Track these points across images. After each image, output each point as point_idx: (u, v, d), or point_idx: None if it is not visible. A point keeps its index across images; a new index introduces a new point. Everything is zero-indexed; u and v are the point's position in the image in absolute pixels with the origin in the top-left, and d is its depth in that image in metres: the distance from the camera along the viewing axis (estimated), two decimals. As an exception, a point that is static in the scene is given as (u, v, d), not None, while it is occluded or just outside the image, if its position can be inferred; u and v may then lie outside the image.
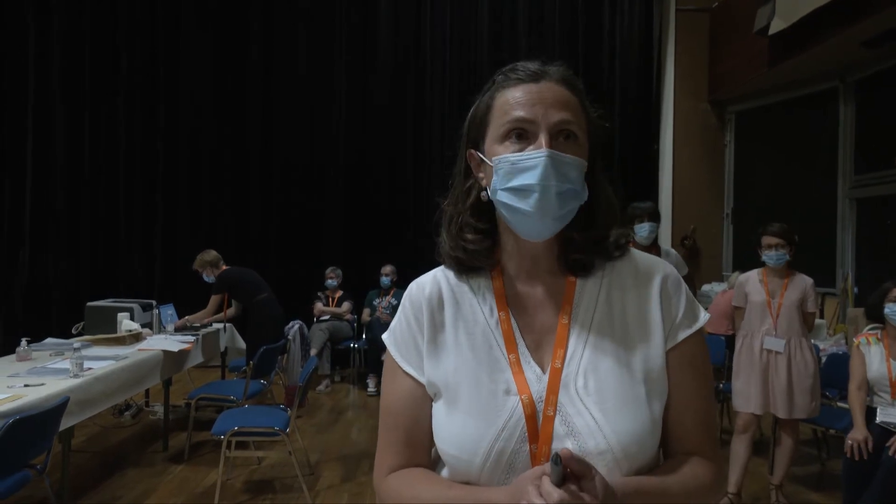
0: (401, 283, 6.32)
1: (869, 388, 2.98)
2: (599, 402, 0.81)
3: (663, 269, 0.91)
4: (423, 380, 0.90)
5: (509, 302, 0.90)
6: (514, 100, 0.85)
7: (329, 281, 6.19)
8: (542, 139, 0.81)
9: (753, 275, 3.39)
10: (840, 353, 4.05)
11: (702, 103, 6.60)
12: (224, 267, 4.84)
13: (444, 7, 6.78)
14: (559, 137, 0.82)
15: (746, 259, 3.56)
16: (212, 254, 4.84)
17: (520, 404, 0.82)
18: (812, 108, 5.79)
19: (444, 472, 0.89)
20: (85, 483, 3.51)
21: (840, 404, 3.82)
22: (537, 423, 0.81)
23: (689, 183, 6.61)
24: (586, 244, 0.88)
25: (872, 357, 2.96)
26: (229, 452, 3.31)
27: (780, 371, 3.16)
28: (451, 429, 0.85)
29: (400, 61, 6.82)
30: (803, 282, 3.27)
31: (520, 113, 0.83)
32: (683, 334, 0.87)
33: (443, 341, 0.90)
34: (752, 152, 6.48)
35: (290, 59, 6.78)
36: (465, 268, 0.93)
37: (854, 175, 5.40)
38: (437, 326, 0.91)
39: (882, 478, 2.66)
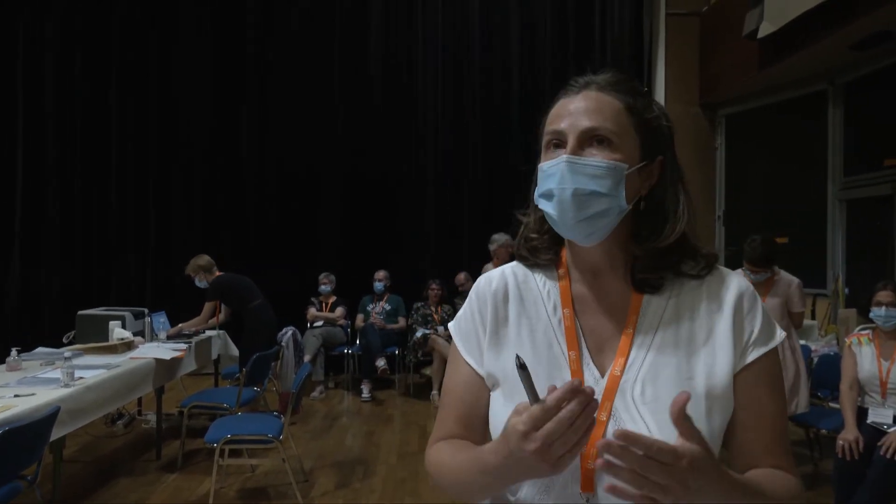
0: (394, 289, 6.31)
1: (860, 388, 2.99)
2: (655, 411, 0.80)
3: (738, 286, 0.89)
4: (481, 371, 0.93)
5: (574, 302, 0.91)
6: (555, 113, 0.88)
7: (322, 286, 6.17)
8: (569, 146, 0.84)
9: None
10: (832, 353, 4.07)
11: (693, 107, 6.63)
12: (217, 273, 4.82)
13: (434, 13, 6.80)
14: (590, 143, 0.84)
15: (738, 261, 3.58)
16: (204, 259, 4.82)
17: None
18: (802, 111, 5.83)
19: None
20: (77, 493, 3.48)
21: (832, 404, 3.84)
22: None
23: (681, 186, 6.63)
24: (654, 262, 0.87)
25: (864, 357, 2.98)
26: (223, 460, 3.29)
27: None
28: (506, 419, 0.85)
29: (392, 66, 6.83)
30: (787, 283, 3.30)
31: (555, 125, 0.87)
32: (757, 353, 0.85)
33: (505, 335, 0.93)
34: (743, 155, 6.52)
35: (284, 64, 6.79)
36: (531, 264, 0.97)
37: (844, 177, 5.44)
38: (500, 321, 0.94)
39: (873, 477, 2.67)
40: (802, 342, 4.36)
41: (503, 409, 0.87)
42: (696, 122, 6.66)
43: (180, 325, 4.75)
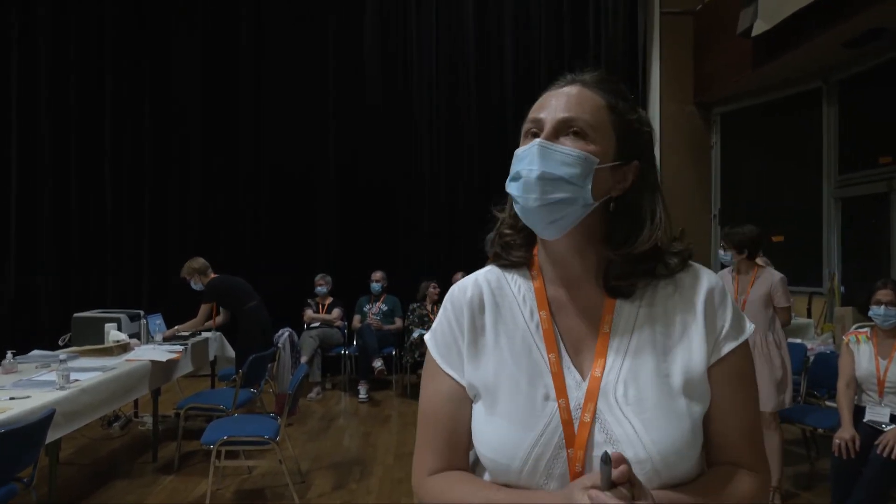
0: (391, 290, 6.31)
1: (857, 387, 3.00)
2: (639, 411, 0.81)
3: (709, 281, 0.90)
4: (463, 382, 0.91)
5: (549, 303, 0.91)
6: (538, 103, 0.89)
7: (319, 288, 6.16)
8: (544, 132, 0.85)
9: (726, 273, 3.54)
10: (828, 352, 4.08)
11: (687, 105, 6.65)
12: (212, 275, 4.81)
13: (429, 13, 6.80)
14: (565, 133, 0.84)
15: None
16: (199, 261, 4.81)
17: (557, 410, 0.83)
18: (796, 109, 5.85)
19: (486, 476, 0.90)
20: (73, 495, 3.46)
21: (828, 403, 3.85)
22: (574, 429, 0.82)
23: (677, 185, 6.64)
24: (628, 268, 0.87)
25: (861, 355, 2.98)
26: (219, 462, 3.28)
27: None
28: (490, 433, 0.86)
29: (387, 68, 6.83)
30: (770, 278, 3.32)
31: (535, 114, 0.88)
32: (729, 347, 0.87)
33: (483, 345, 0.91)
34: (738, 153, 6.53)
35: (280, 66, 6.78)
36: (504, 263, 0.96)
37: (839, 175, 5.46)
38: (477, 330, 0.92)
39: (870, 476, 2.67)
40: (798, 340, 4.38)
41: (488, 423, 0.87)
42: (691, 120, 6.67)
43: (176, 327, 4.74)
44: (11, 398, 2.78)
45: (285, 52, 6.77)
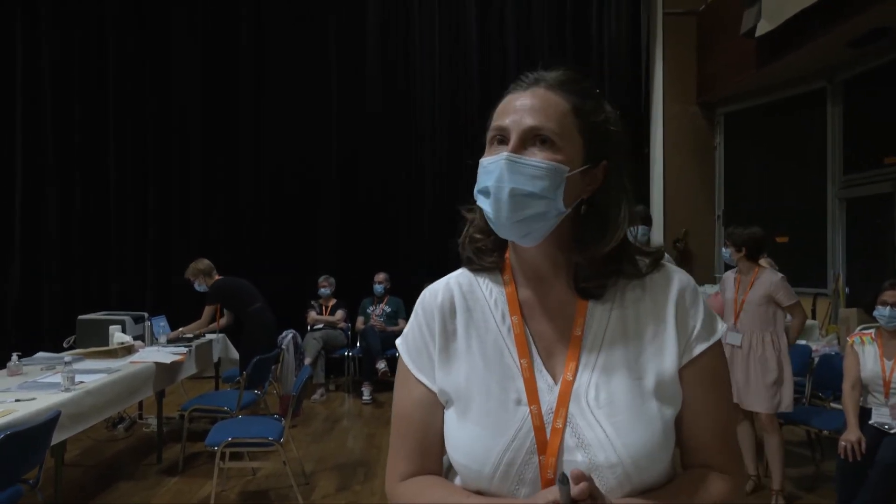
0: (394, 291, 6.31)
1: (862, 388, 2.99)
2: (610, 414, 0.81)
3: (680, 281, 0.89)
4: (434, 388, 0.91)
5: (521, 307, 0.90)
6: (501, 108, 0.87)
7: (322, 289, 6.17)
8: (511, 144, 0.82)
9: (730, 274, 3.57)
10: (832, 353, 4.07)
11: (691, 106, 6.63)
12: (216, 276, 4.82)
13: (432, 14, 6.80)
14: (532, 142, 0.82)
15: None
16: (204, 262, 4.82)
17: (529, 416, 0.82)
18: (800, 109, 5.83)
19: (457, 481, 0.90)
20: (79, 497, 3.48)
21: (833, 405, 3.83)
22: (546, 435, 0.81)
23: (680, 186, 6.64)
24: (595, 270, 0.86)
25: (866, 357, 2.97)
26: (223, 464, 3.29)
27: (736, 364, 3.34)
28: (461, 438, 0.86)
29: (389, 69, 6.83)
30: (769, 278, 3.32)
31: (500, 121, 0.86)
32: (700, 348, 0.86)
33: (455, 349, 0.91)
34: (742, 154, 6.52)
35: (280, 68, 6.79)
36: (476, 268, 0.95)
37: (843, 175, 5.44)
38: (449, 335, 0.92)
39: (876, 478, 2.66)
40: (803, 342, 4.36)
41: (460, 428, 0.86)
42: (695, 121, 6.66)
43: (180, 328, 4.75)
44: (17, 400, 2.80)
45: (286, 51, 6.77)
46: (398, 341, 0.97)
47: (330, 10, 6.79)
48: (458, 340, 0.91)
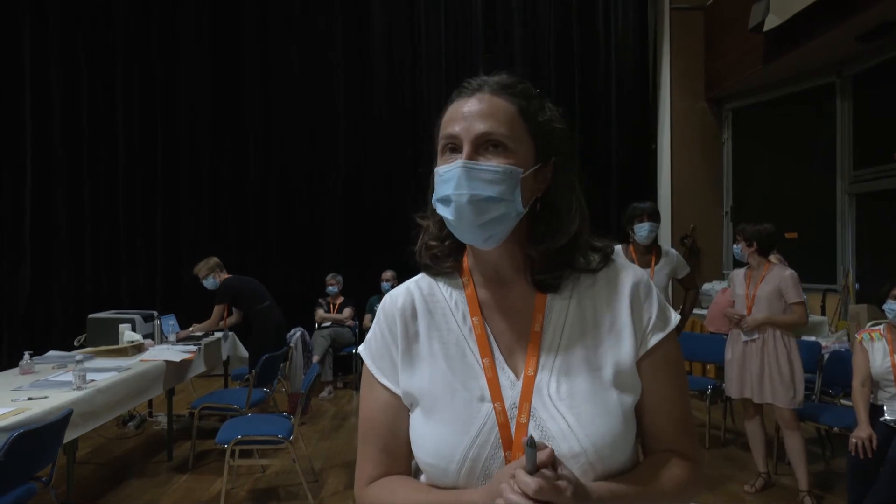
0: (402, 288, 6.31)
1: (872, 384, 2.97)
2: (572, 406, 0.83)
3: (634, 275, 0.92)
4: (398, 391, 0.92)
5: (481, 308, 0.92)
6: (449, 115, 0.88)
7: (330, 287, 6.19)
8: (464, 151, 0.84)
9: (740, 270, 3.56)
10: (842, 350, 4.05)
11: (698, 101, 6.61)
12: (225, 274, 4.84)
13: (438, 12, 6.80)
14: (485, 148, 0.84)
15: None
16: (213, 260, 4.84)
17: (493, 412, 0.84)
18: (809, 104, 5.79)
19: (423, 479, 0.91)
20: (90, 494, 3.51)
21: (843, 402, 3.81)
22: (511, 431, 0.83)
23: (688, 181, 6.61)
24: (549, 263, 0.88)
25: (876, 353, 2.96)
26: (233, 461, 3.30)
27: (751, 358, 3.35)
28: (427, 438, 0.87)
29: (396, 69, 6.84)
30: (780, 273, 3.31)
31: (449, 129, 0.86)
32: (656, 338, 0.89)
33: (417, 352, 0.92)
34: (750, 149, 6.49)
35: (287, 69, 6.80)
36: (434, 273, 0.97)
37: (853, 170, 5.40)
38: (410, 337, 0.93)
39: (887, 475, 2.65)
40: (812, 338, 4.34)
41: (425, 429, 0.87)
42: (702, 116, 6.64)
43: (190, 327, 4.78)
44: (30, 398, 2.82)
45: (293, 50, 6.79)
46: (360, 348, 0.99)
47: (337, 12, 6.80)
48: (420, 342, 0.92)
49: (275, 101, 6.82)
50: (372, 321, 5.15)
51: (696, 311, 4.86)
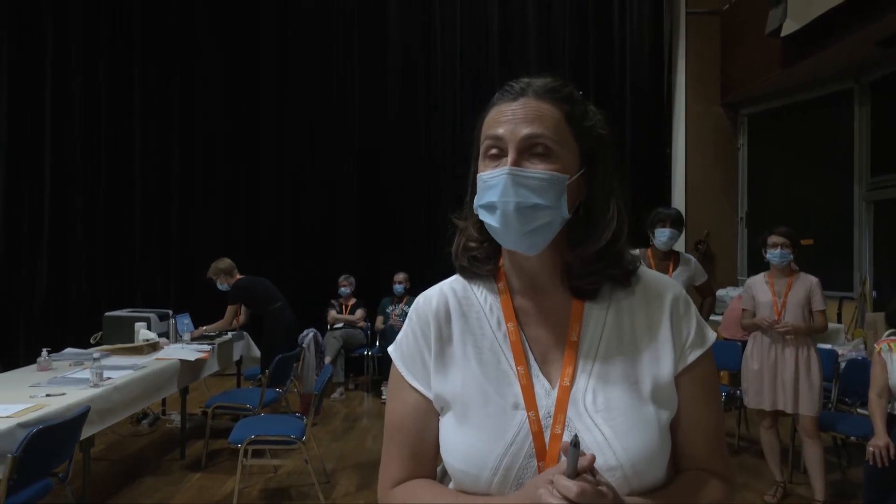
0: (414, 291, 6.32)
1: (890, 395, 2.93)
2: (608, 418, 0.81)
3: (673, 290, 0.91)
4: (429, 394, 0.90)
5: (517, 314, 0.90)
6: (493, 118, 0.87)
7: (342, 289, 6.21)
8: (510, 157, 0.82)
9: (759, 277, 3.48)
10: (859, 358, 4.00)
11: (714, 106, 6.57)
12: (238, 275, 4.87)
13: (453, 14, 6.82)
14: (531, 153, 0.83)
15: (761, 263, 3.55)
16: (226, 262, 4.88)
17: (527, 421, 0.83)
18: (826, 110, 5.74)
19: (451, 486, 0.90)
20: (104, 491, 3.54)
21: (860, 411, 3.77)
22: (545, 440, 0.82)
23: (703, 187, 6.57)
24: (587, 268, 0.87)
25: (894, 363, 2.92)
26: (246, 460, 3.32)
27: (787, 366, 3.25)
28: (458, 443, 0.86)
29: (410, 69, 6.85)
30: (808, 280, 3.29)
31: (493, 131, 0.85)
32: (694, 355, 0.87)
33: (451, 355, 0.90)
34: (765, 155, 6.43)
35: (301, 68, 6.85)
36: (470, 275, 0.95)
37: (870, 177, 5.34)
38: (444, 340, 0.91)
39: (905, 485, 2.61)
40: (829, 346, 4.29)
41: (457, 433, 0.86)
42: (718, 122, 6.59)
43: (203, 327, 4.81)
44: (48, 395, 2.86)
45: (308, 52, 6.82)
46: (391, 349, 0.97)
47: (352, 12, 6.83)
48: (454, 346, 0.91)
49: (289, 103, 6.86)
50: (384, 323, 5.15)
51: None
